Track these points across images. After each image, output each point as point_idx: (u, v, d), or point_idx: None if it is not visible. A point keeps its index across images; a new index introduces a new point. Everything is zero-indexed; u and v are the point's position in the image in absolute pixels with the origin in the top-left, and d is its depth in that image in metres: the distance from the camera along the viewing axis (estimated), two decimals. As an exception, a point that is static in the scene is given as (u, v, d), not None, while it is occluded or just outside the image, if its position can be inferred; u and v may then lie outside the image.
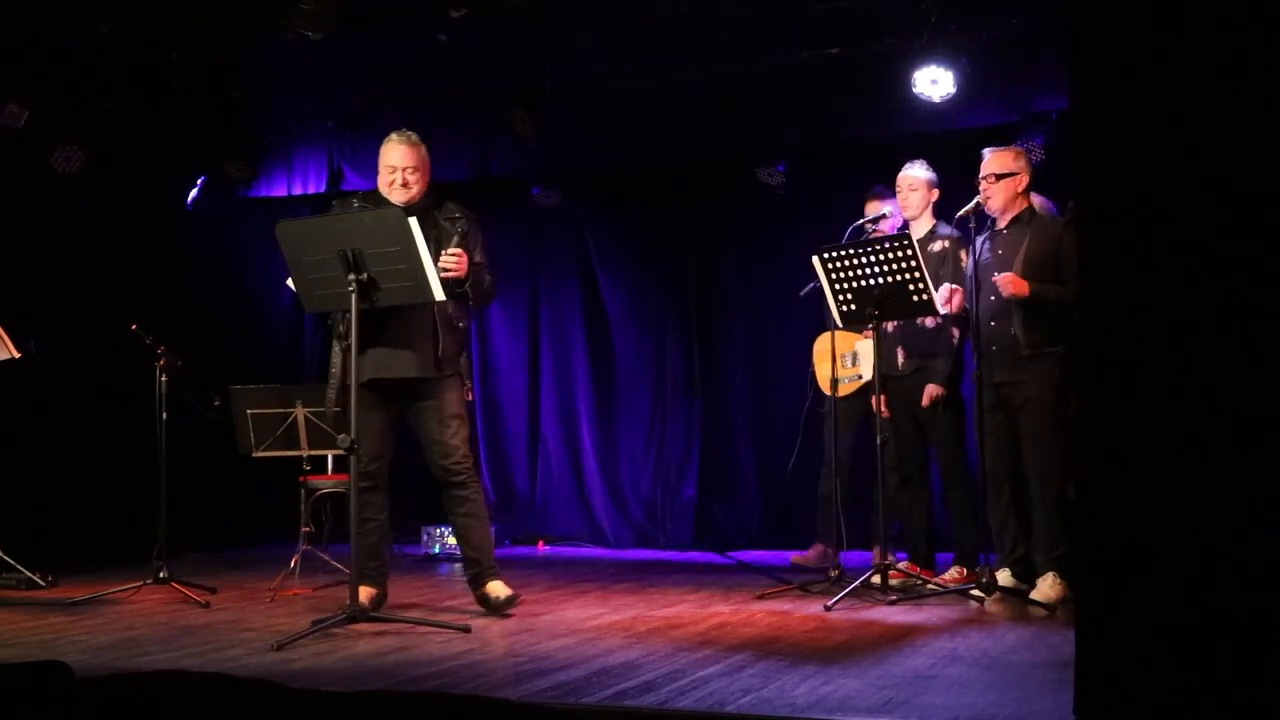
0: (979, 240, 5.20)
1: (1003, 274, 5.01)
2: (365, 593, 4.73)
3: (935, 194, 5.68)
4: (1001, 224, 5.26)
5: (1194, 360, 2.39)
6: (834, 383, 5.96)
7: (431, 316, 4.84)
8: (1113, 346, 2.49)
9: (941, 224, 5.65)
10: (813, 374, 6.42)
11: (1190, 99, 2.42)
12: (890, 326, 5.50)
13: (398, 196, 4.90)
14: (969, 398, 5.71)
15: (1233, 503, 2.34)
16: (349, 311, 4.50)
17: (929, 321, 5.50)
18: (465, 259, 4.85)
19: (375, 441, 4.85)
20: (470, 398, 5.14)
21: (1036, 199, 5.33)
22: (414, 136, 4.99)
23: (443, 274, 4.69)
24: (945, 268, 5.46)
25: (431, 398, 4.92)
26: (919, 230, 5.60)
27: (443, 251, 4.82)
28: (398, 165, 4.92)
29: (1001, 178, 5.16)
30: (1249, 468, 2.33)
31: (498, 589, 4.92)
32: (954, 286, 5.27)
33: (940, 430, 5.53)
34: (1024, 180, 5.19)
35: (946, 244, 5.56)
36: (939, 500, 5.95)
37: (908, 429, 5.60)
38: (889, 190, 5.91)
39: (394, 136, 4.98)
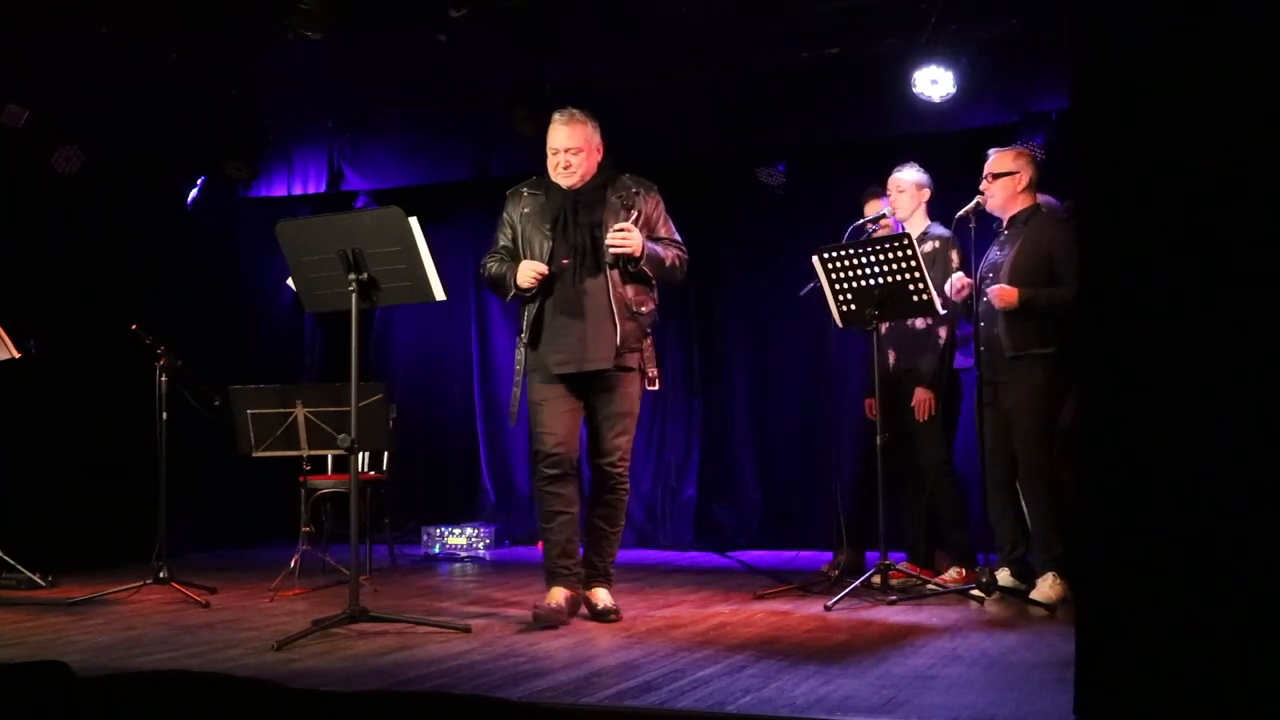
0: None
1: (995, 287, 5.02)
2: (560, 594, 4.59)
3: (926, 195, 5.71)
4: (1003, 224, 5.27)
5: (1194, 359, 2.39)
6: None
7: (609, 304, 4.55)
8: (1113, 346, 2.49)
9: (934, 224, 5.67)
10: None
11: (1190, 98, 2.42)
12: (884, 328, 5.50)
13: (563, 180, 4.64)
14: (959, 401, 5.72)
15: (1232, 502, 2.34)
16: (531, 303, 4.57)
17: (918, 322, 5.50)
18: (635, 234, 4.53)
19: (561, 425, 4.62)
20: (656, 386, 4.76)
21: (1042, 198, 5.33)
22: (578, 114, 4.66)
23: (612, 251, 4.49)
24: (936, 268, 5.45)
25: (607, 391, 4.64)
26: (911, 231, 5.59)
27: (610, 229, 4.53)
28: (559, 147, 4.62)
29: (999, 177, 5.18)
30: (1248, 467, 2.33)
31: (602, 597, 4.72)
32: (967, 279, 5.24)
33: (926, 434, 5.53)
34: (1024, 179, 5.19)
35: (937, 244, 5.58)
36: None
37: (899, 429, 5.60)
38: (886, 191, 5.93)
39: (556, 116, 4.65)
